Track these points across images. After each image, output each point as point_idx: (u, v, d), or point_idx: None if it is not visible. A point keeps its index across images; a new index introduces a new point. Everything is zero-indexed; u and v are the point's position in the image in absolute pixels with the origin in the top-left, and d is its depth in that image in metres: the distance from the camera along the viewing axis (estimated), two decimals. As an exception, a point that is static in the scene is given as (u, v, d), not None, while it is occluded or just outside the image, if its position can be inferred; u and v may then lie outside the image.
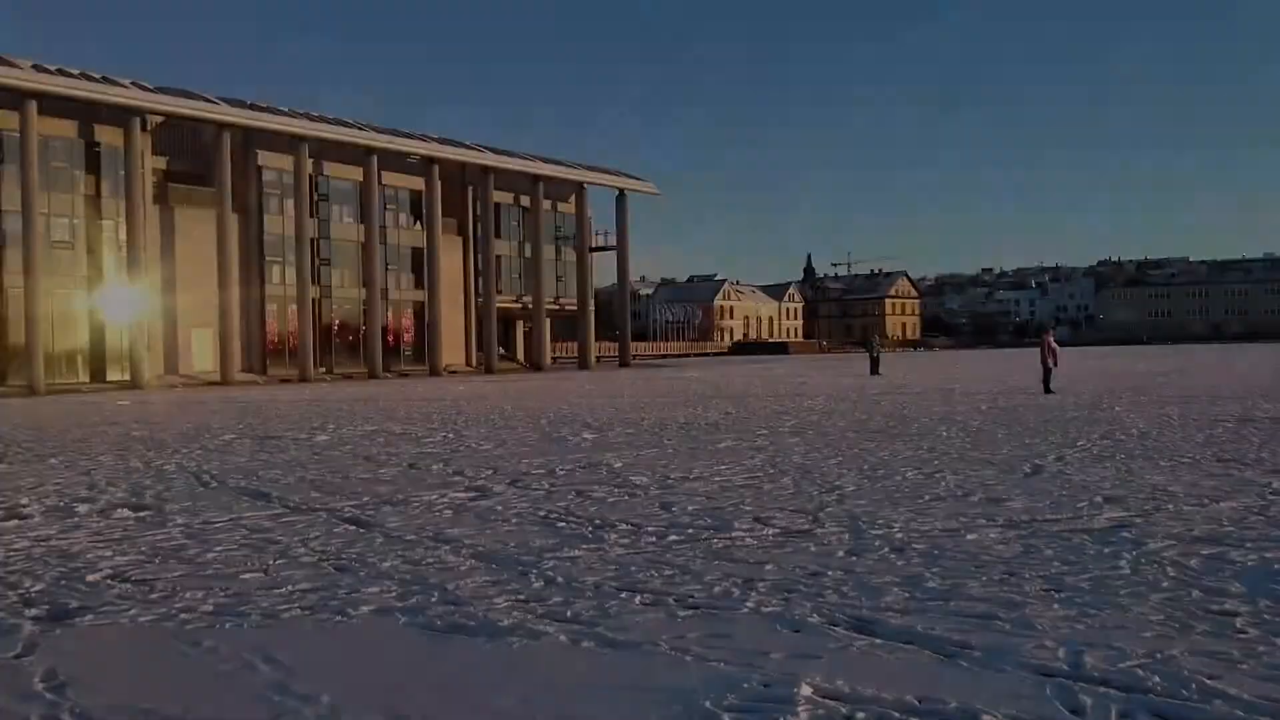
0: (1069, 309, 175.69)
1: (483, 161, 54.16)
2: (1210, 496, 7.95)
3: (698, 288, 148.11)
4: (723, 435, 14.28)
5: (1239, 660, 4.07)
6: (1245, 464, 9.82)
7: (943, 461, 10.61)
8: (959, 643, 4.39)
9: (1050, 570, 5.63)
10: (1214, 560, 5.76)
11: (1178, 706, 3.61)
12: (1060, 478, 9.20)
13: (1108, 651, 4.20)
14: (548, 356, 61.39)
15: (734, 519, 7.45)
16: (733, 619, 4.84)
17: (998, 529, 6.86)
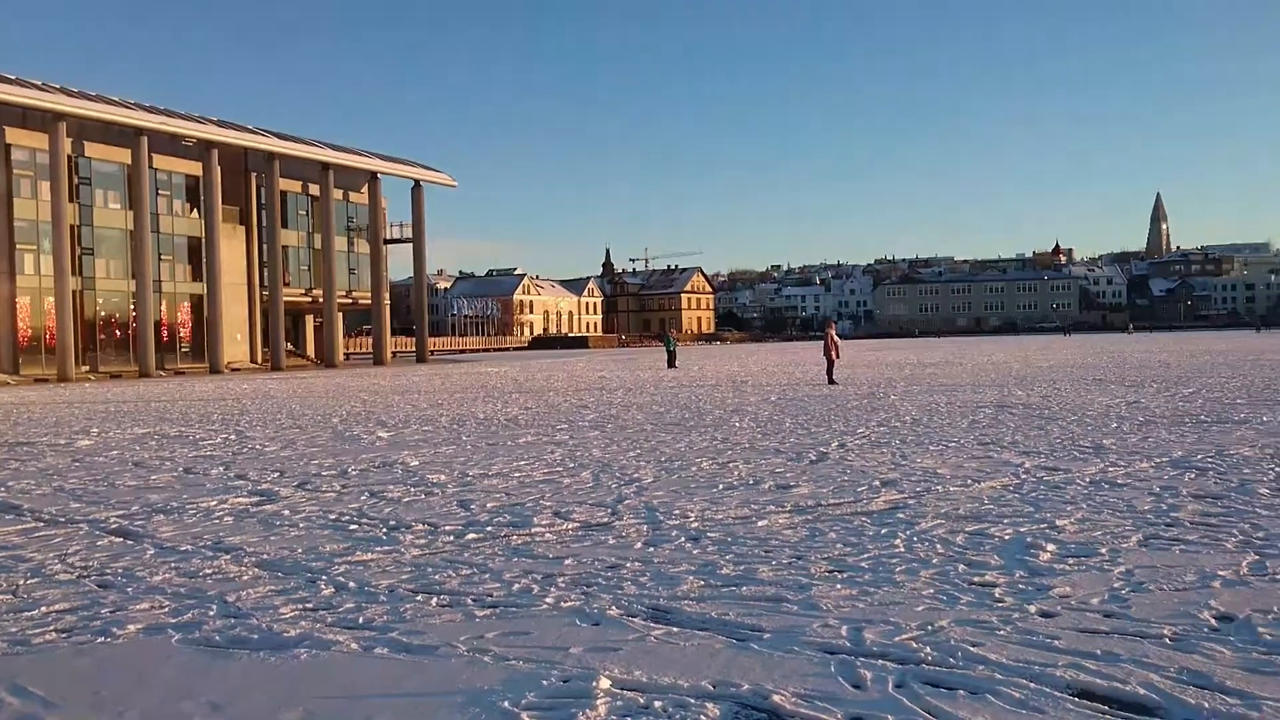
0: (850, 304, 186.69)
1: (267, 147, 51.35)
2: (973, 477, 8.63)
3: (497, 282, 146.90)
4: (523, 430, 14.20)
5: (998, 627, 4.42)
6: (1002, 446, 10.73)
7: (735, 451, 10.99)
8: (751, 626, 4.54)
9: (834, 552, 5.93)
10: (976, 536, 6.25)
11: (945, 674, 3.88)
12: (843, 464, 9.73)
13: (885, 626, 4.46)
14: (340, 353, 59.12)
15: (534, 515, 7.41)
16: (532, 616, 4.80)
17: (786, 514, 7.16)
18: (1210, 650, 4.05)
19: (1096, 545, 5.91)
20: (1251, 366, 27.22)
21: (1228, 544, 5.86)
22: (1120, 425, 12.54)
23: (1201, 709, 3.49)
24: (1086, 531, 6.31)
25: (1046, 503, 7.33)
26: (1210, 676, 3.77)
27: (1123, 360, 34.28)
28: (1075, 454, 9.95)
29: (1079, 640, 4.23)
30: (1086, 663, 3.95)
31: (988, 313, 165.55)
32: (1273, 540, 5.91)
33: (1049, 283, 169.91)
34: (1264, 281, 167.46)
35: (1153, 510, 6.93)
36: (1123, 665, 3.92)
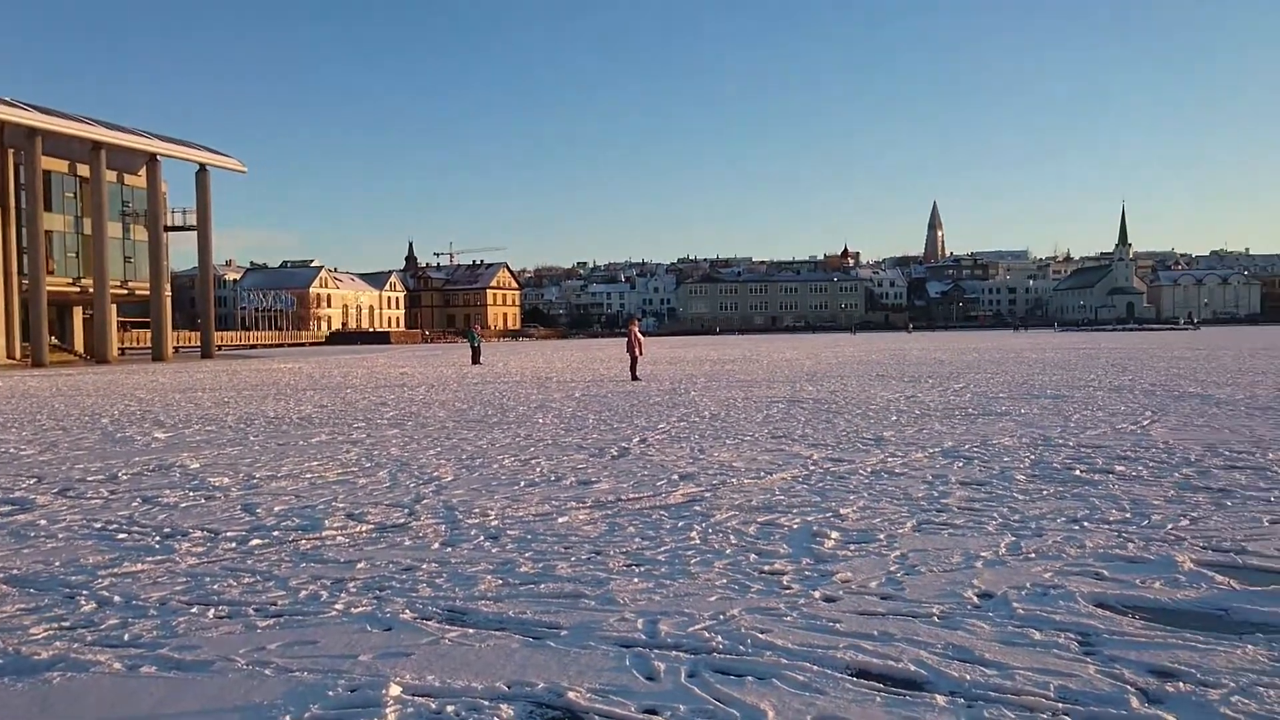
0: (654, 302, 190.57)
1: (27, 121, 46.74)
2: (765, 470, 8.98)
3: (292, 274, 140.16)
4: (316, 429, 13.59)
5: (785, 613, 4.60)
6: (793, 440, 11.23)
7: (538, 448, 10.95)
8: (549, 624, 4.52)
9: (632, 546, 6.00)
10: (767, 526, 6.49)
11: (734, 662, 4.00)
12: (643, 459, 9.89)
13: (679, 618, 4.55)
14: (114, 348, 54.69)
15: (325, 517, 7.09)
16: (319, 624, 4.58)
17: (587, 510, 7.19)
18: (973, 626, 4.37)
19: (876, 532, 6.27)
20: (1013, 363, 29.79)
21: (989, 527, 6.36)
22: (899, 418, 13.39)
23: (964, 680, 3.75)
24: (867, 519, 6.68)
25: (832, 492, 7.72)
26: (972, 650, 4.06)
27: (903, 357, 36.71)
28: (859, 446, 10.55)
29: (858, 622, 4.46)
30: (864, 643, 4.17)
31: (783, 311, 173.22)
32: (1027, 522, 6.47)
33: (838, 284, 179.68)
34: (1024, 285, 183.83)
35: (925, 497, 7.43)
36: (897, 644, 4.16)
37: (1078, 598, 4.75)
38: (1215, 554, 5.55)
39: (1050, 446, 10.14)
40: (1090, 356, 33.98)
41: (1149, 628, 4.34)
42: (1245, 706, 3.46)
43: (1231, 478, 8.01)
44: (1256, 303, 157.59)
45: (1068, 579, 5.08)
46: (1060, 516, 6.63)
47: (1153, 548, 5.71)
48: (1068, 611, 4.55)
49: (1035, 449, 9.98)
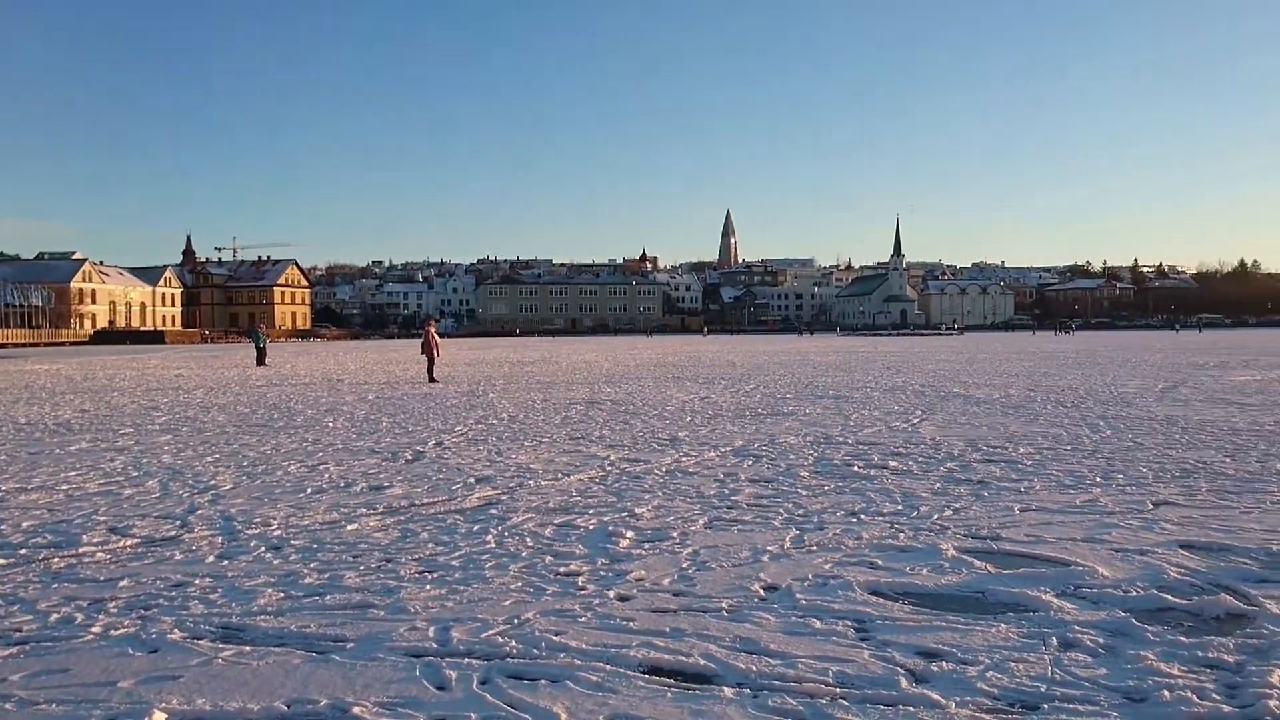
0: (453, 302, 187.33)
1: None
2: (563, 471, 8.99)
3: (49, 266, 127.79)
4: (76, 436, 12.45)
5: (580, 614, 4.61)
6: (591, 441, 11.31)
7: (327, 453, 10.50)
8: (334, 637, 4.32)
9: (425, 553, 5.84)
10: (564, 528, 6.49)
11: (528, 666, 3.96)
12: (439, 462, 9.67)
13: (472, 624, 4.46)
14: None
15: (83, 532, 6.49)
16: (72, 649, 4.18)
17: (378, 517, 6.95)
18: (759, 618, 4.53)
19: (669, 530, 6.40)
20: (799, 366, 31.32)
21: (775, 522, 6.63)
22: (693, 419, 13.77)
23: (750, 672, 3.88)
24: (661, 518, 6.81)
25: (628, 492, 7.82)
26: (758, 642, 4.21)
27: (697, 360, 37.85)
28: (654, 446, 10.75)
29: (651, 620, 4.53)
30: (657, 640, 4.24)
31: (583, 314, 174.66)
32: (810, 516, 6.79)
33: (637, 287, 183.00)
34: (810, 292, 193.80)
35: (717, 495, 7.66)
36: (688, 639, 4.25)
37: (854, 587, 5.02)
38: (974, 541, 6.02)
39: (831, 444, 10.71)
40: (868, 359, 36.23)
41: (917, 612, 4.64)
42: (999, 681, 3.76)
43: (988, 470, 8.73)
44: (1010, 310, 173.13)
45: (846, 569, 5.36)
46: (840, 510, 7.00)
47: (921, 537, 6.12)
48: (845, 600, 4.80)
49: (818, 447, 10.51)
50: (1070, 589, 4.96)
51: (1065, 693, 3.63)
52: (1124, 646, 4.10)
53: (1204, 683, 3.71)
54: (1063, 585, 5.01)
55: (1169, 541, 5.93)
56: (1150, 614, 4.57)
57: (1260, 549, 5.70)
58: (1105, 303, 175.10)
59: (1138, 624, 4.38)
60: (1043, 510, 6.93)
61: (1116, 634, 4.27)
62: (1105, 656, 4.00)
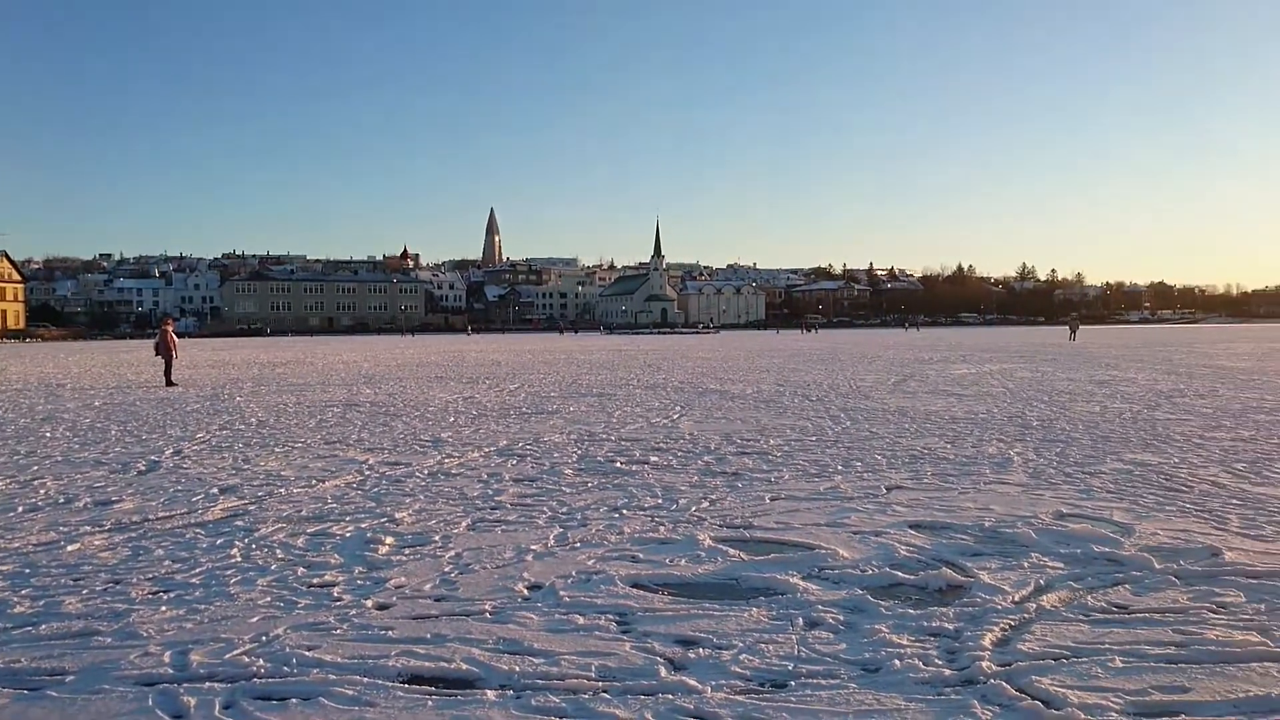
0: (195, 300, 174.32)
1: None
2: (317, 477, 8.57)
3: None
4: None
5: (335, 626, 4.40)
6: (348, 445, 10.86)
7: (44, 466, 9.45)
8: (50, 670, 3.89)
9: (160, 571, 5.38)
10: (318, 537, 6.18)
11: (278, 685, 3.74)
12: (177, 472, 8.95)
13: (215, 645, 4.16)
14: None
15: None
16: None
17: (104, 534, 6.33)
18: (523, 618, 4.51)
19: (431, 533, 6.25)
20: (564, 364, 31.57)
21: (539, 520, 6.63)
22: (457, 419, 13.55)
23: (514, 673, 3.85)
24: (423, 521, 6.64)
25: (388, 497, 7.57)
26: (522, 642, 4.19)
27: (461, 359, 37.30)
28: (416, 448, 10.48)
29: (412, 627, 4.40)
30: (418, 648, 4.12)
31: (340, 313, 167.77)
32: (574, 513, 6.84)
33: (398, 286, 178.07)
34: (574, 291, 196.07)
35: (481, 496, 7.57)
36: (450, 644, 4.16)
37: (617, 581, 5.11)
38: (729, 530, 6.29)
39: (595, 441, 10.86)
40: (630, 357, 37.11)
41: (676, 602, 4.78)
42: (751, 663, 3.94)
43: (742, 462, 9.16)
44: (762, 311, 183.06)
45: (608, 564, 5.45)
46: (603, 506, 7.11)
47: (680, 529, 6.33)
48: (608, 595, 4.88)
49: (582, 444, 10.63)
50: (815, 571, 5.28)
51: (810, 669, 3.86)
52: (861, 622, 4.42)
53: (929, 650, 4.06)
54: (808, 568, 5.34)
55: (900, 523, 6.45)
56: (883, 590, 4.95)
57: (975, 525, 6.32)
58: (845, 303, 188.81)
59: (873, 600, 4.73)
60: (791, 498, 7.35)
61: (855, 611, 4.59)
62: (845, 633, 4.29)
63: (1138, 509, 6.81)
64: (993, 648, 4.07)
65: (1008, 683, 3.68)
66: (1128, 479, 8.04)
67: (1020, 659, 3.93)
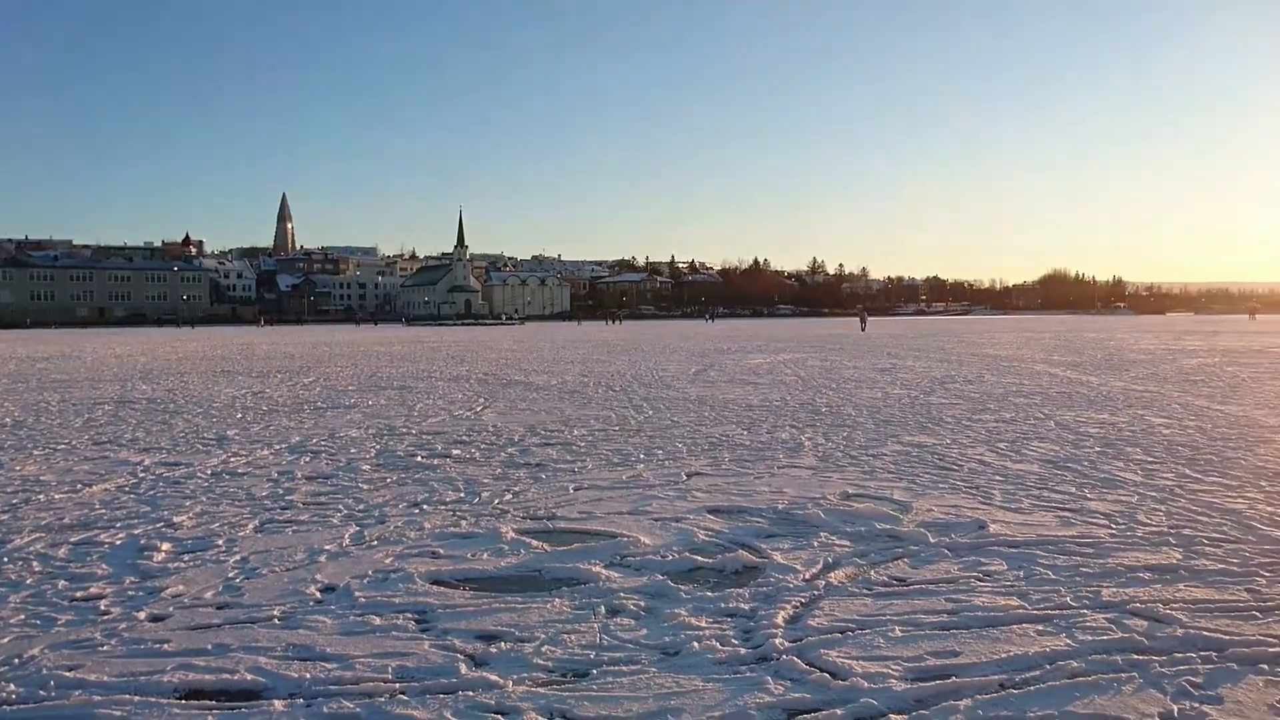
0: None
1: None
2: (84, 481, 7.86)
3: None
4: None
5: (101, 643, 4.04)
6: (121, 445, 10.03)
7: None
8: None
9: (-110, 591, 4.77)
10: (83, 546, 5.66)
11: (32, 710, 3.39)
12: (-86, 480, 7.98)
13: (-44, 671, 3.72)
14: None
15: None
16: None
17: None
18: (314, 622, 4.30)
19: (214, 537, 5.86)
20: (362, 357, 30.49)
21: (334, 519, 6.35)
22: (244, 415, 12.80)
23: (304, 679, 3.66)
24: (205, 525, 6.22)
25: (165, 500, 7.04)
26: (313, 647, 3.99)
27: (251, 352, 35.34)
28: (199, 447, 9.82)
29: (190, 639, 4.10)
30: (197, 660, 3.85)
31: (113, 303, 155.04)
32: (371, 510, 6.61)
33: (179, 274, 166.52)
34: (374, 281, 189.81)
35: (270, 495, 7.17)
36: (233, 655, 3.91)
37: (416, 578, 4.96)
38: (532, 522, 6.25)
39: (395, 435, 10.54)
40: (433, 349, 36.34)
41: (478, 597, 4.70)
42: (553, 654, 3.92)
43: (546, 454, 9.14)
44: (567, 302, 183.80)
45: (408, 561, 5.29)
46: (402, 502, 6.90)
47: (482, 522, 6.23)
48: (407, 593, 4.73)
49: (381, 439, 10.29)
50: (617, 559, 5.33)
51: (612, 656, 3.89)
52: (662, 607, 4.49)
53: (726, 631, 4.18)
54: (610, 556, 5.38)
55: (699, 508, 6.62)
56: (683, 575, 5.05)
57: (769, 508, 6.57)
58: (648, 294, 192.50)
59: (673, 585, 4.82)
60: (594, 488, 7.39)
61: (655, 596, 4.66)
62: (646, 618, 4.35)
63: (915, 487, 7.29)
64: (785, 625, 4.23)
65: (798, 657, 3.83)
66: (906, 460, 8.60)
67: (810, 634, 4.10)
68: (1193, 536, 5.65)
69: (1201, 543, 5.51)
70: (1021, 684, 3.59)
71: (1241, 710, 3.36)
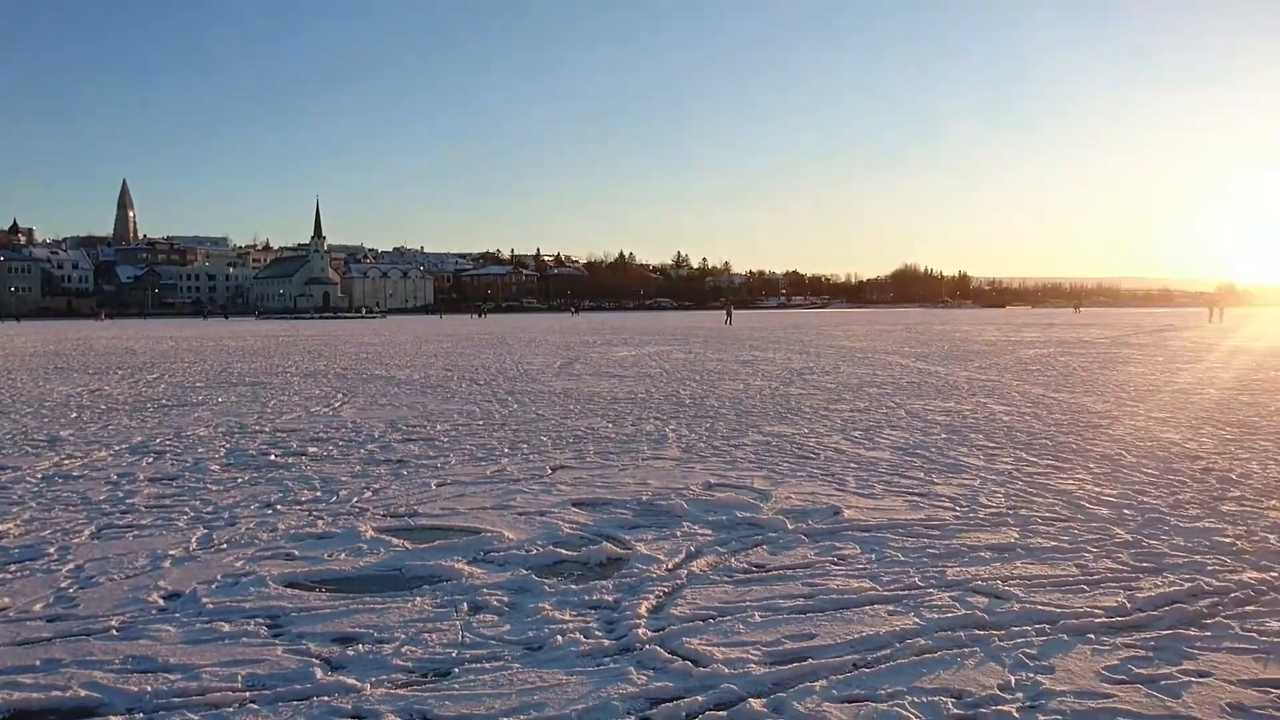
0: None
1: None
2: (-106, 488, 7.22)
3: None
4: None
5: (-87, 664, 3.72)
6: (-63, 448, 9.26)
7: None
8: None
9: None
10: (-108, 559, 5.20)
11: None
12: None
13: None
14: None
15: None
16: None
17: None
18: (157, 631, 4.08)
19: (45, 545, 5.48)
20: (213, 352, 29.10)
21: (180, 522, 6.04)
22: (80, 414, 12.03)
23: (145, 693, 3.47)
24: (34, 532, 5.81)
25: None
26: (156, 658, 3.79)
27: (89, 347, 33.22)
28: (28, 449, 9.16)
29: (17, 655, 3.83)
30: (24, 678, 3.60)
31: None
32: (220, 512, 6.31)
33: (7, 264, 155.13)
34: (224, 273, 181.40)
35: (109, 499, 6.76)
36: (65, 670, 3.67)
37: (268, 581, 4.77)
38: (393, 519, 6.11)
39: (246, 434, 10.11)
40: (289, 344, 35.02)
41: (334, 598, 4.56)
42: (413, 654, 3.84)
43: (408, 449, 8.94)
44: (430, 295, 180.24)
45: (260, 564, 5.08)
46: (254, 503, 6.62)
47: (340, 521, 6.04)
48: (258, 597, 4.54)
49: (231, 437, 9.84)
50: (480, 555, 5.26)
51: (474, 654, 3.84)
52: (525, 602, 4.46)
53: (590, 623, 4.18)
54: (474, 552, 5.31)
55: (564, 501, 6.61)
56: (547, 568, 5.03)
57: (633, 500, 6.62)
58: (514, 288, 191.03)
59: (537, 579, 4.79)
60: (457, 483, 7.28)
61: (519, 591, 4.63)
62: (509, 614, 4.31)
63: (774, 476, 7.48)
64: (648, 615, 4.27)
65: (661, 646, 3.87)
66: (766, 449, 8.81)
67: (673, 623, 4.15)
68: (1028, 516, 6.00)
69: (1036, 522, 5.86)
70: (873, 663, 3.73)
71: (1071, 678, 3.59)
